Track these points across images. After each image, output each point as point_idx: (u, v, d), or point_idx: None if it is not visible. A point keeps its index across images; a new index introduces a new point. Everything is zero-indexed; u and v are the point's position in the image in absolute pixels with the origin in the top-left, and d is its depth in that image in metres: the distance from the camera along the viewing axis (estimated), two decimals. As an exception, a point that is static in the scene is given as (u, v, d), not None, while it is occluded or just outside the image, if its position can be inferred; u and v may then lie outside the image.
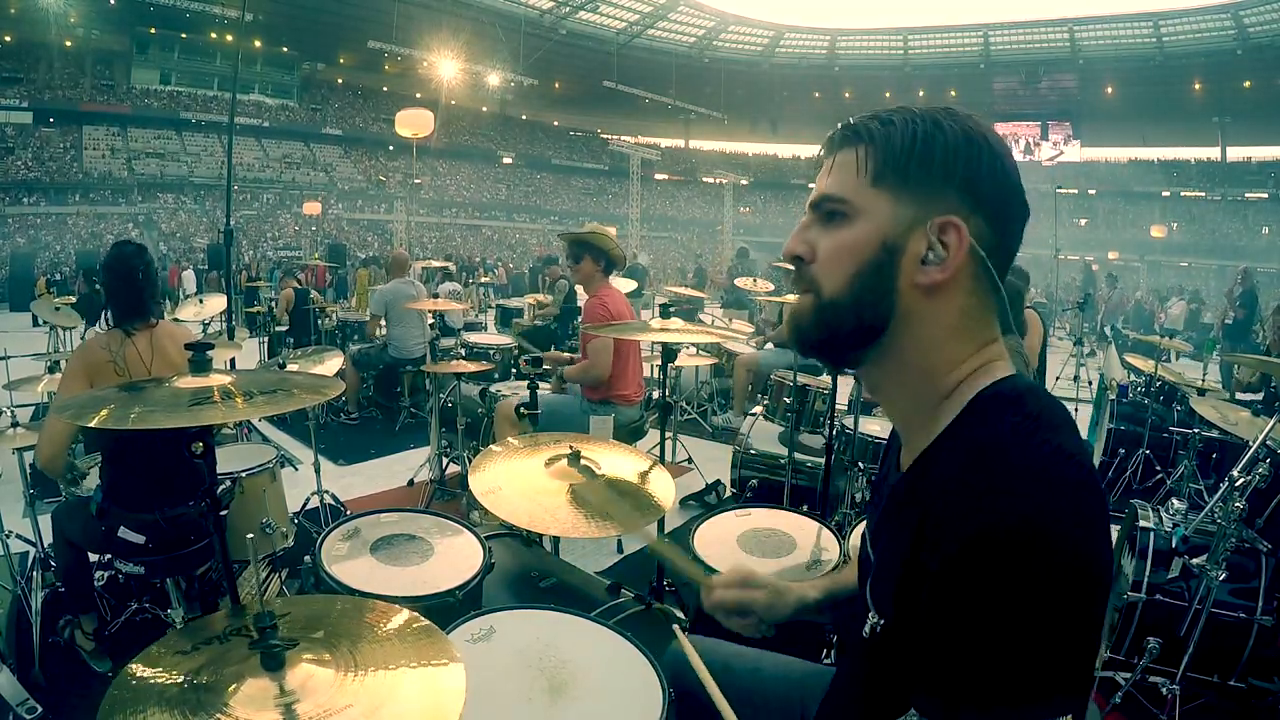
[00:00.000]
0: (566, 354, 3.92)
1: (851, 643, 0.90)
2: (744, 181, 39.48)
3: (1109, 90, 37.60)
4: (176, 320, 4.42)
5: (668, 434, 2.61)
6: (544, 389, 3.31)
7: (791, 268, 0.82)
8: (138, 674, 0.98)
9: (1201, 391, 4.38)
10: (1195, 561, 2.23)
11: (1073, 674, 0.61)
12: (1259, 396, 4.51)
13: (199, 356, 1.41)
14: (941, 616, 0.63)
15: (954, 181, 0.73)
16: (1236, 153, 38.24)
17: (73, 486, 2.45)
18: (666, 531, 2.04)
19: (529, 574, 1.92)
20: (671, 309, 2.37)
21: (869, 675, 0.80)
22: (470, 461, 2.95)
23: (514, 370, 5.69)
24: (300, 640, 1.02)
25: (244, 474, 2.66)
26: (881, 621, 0.76)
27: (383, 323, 5.71)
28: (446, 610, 1.55)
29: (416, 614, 1.15)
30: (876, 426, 3.46)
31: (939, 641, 0.63)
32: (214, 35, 32.54)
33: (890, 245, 0.74)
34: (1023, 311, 3.56)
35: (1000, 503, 0.61)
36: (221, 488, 2.54)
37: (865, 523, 0.98)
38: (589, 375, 3.25)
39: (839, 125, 0.79)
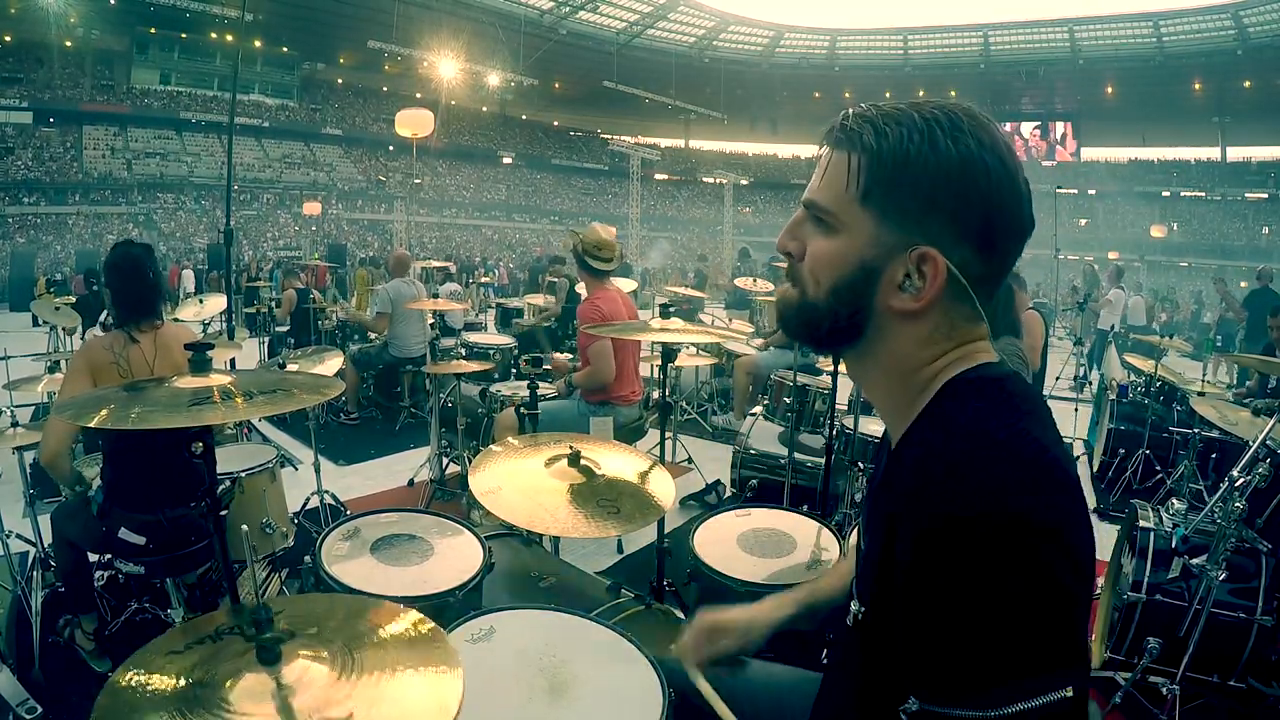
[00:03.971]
0: (565, 356, 3.92)
1: (837, 634, 0.92)
2: (744, 181, 39.47)
3: (1109, 90, 37.61)
4: (176, 320, 4.42)
5: (668, 434, 2.61)
6: (544, 390, 3.31)
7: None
8: (134, 673, 0.97)
9: (1202, 392, 4.38)
10: (1195, 561, 2.23)
11: (1059, 648, 0.61)
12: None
13: (199, 356, 1.41)
14: (914, 606, 0.63)
15: (941, 211, 0.71)
16: (1236, 153, 38.26)
17: (77, 488, 2.45)
18: (667, 532, 2.04)
19: (529, 574, 1.92)
20: (671, 309, 2.37)
21: (855, 663, 0.80)
22: (470, 461, 2.95)
23: (514, 370, 5.69)
24: (297, 635, 1.02)
25: (244, 474, 2.66)
26: (863, 609, 0.77)
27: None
28: (446, 610, 1.55)
29: (415, 613, 1.14)
30: (876, 426, 3.46)
31: (917, 630, 0.63)
32: (214, 35, 32.54)
33: (869, 268, 0.74)
34: (1020, 312, 3.56)
35: (957, 489, 0.61)
36: (221, 488, 2.55)
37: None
38: (596, 380, 3.25)
39: (840, 118, 0.78)
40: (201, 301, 5.66)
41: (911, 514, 0.64)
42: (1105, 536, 2.66)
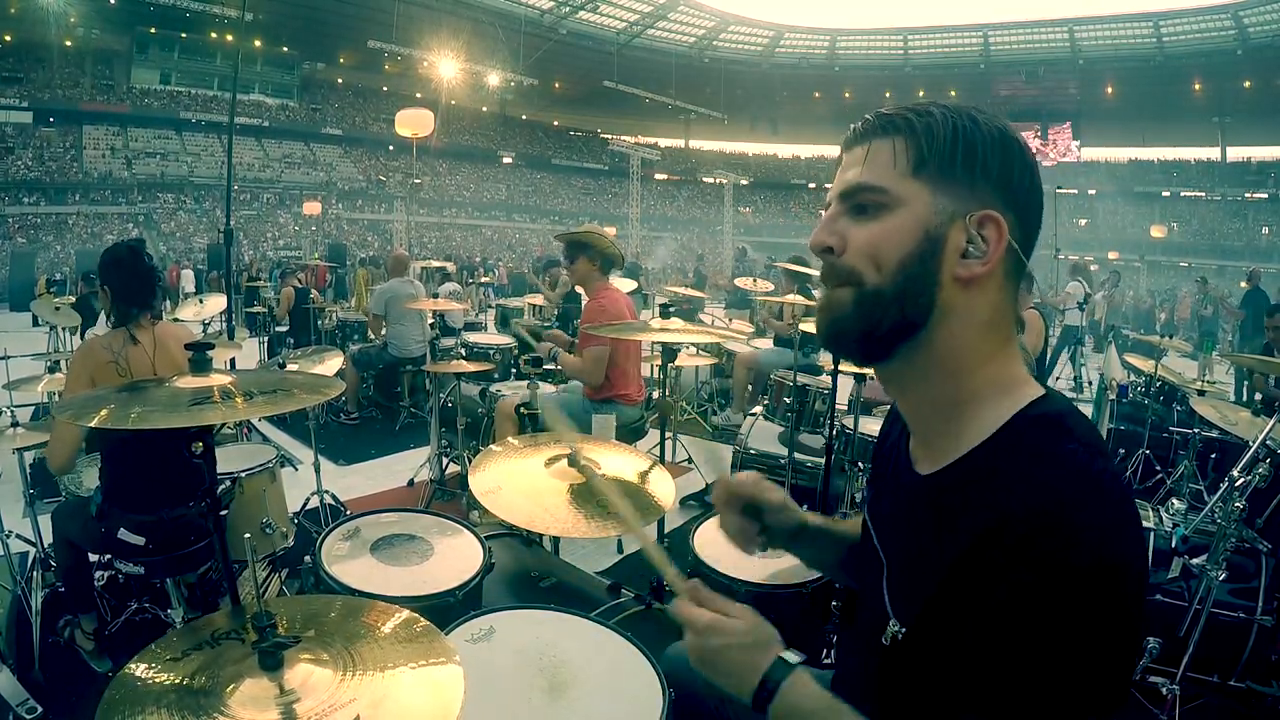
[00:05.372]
0: (566, 336, 3.87)
1: (857, 643, 0.88)
2: (744, 181, 39.45)
3: (1109, 90, 37.62)
4: (176, 320, 4.42)
5: (667, 434, 2.60)
6: (545, 389, 3.31)
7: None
8: (136, 674, 0.98)
9: (1202, 391, 4.38)
10: (1195, 561, 2.23)
11: (1118, 687, 0.66)
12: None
13: (199, 356, 1.41)
14: (1001, 640, 0.64)
15: (991, 177, 0.74)
16: (1236, 153, 38.27)
17: (74, 487, 2.45)
18: (666, 531, 2.04)
19: (529, 574, 1.92)
20: (671, 309, 2.37)
21: (887, 682, 0.78)
22: (470, 461, 2.95)
23: (514, 370, 5.69)
24: (300, 639, 1.02)
25: (244, 474, 2.66)
26: (904, 630, 0.75)
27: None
28: (446, 610, 1.55)
29: (415, 614, 1.15)
30: (876, 426, 3.46)
31: (997, 661, 0.64)
32: (214, 35, 32.55)
33: (933, 235, 0.74)
34: (1021, 310, 3.57)
35: (1072, 535, 0.63)
36: (221, 488, 2.55)
37: (867, 508, 0.95)
38: (580, 376, 3.26)
39: (870, 115, 0.79)
40: (201, 301, 5.67)
41: (1034, 558, 0.63)
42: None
